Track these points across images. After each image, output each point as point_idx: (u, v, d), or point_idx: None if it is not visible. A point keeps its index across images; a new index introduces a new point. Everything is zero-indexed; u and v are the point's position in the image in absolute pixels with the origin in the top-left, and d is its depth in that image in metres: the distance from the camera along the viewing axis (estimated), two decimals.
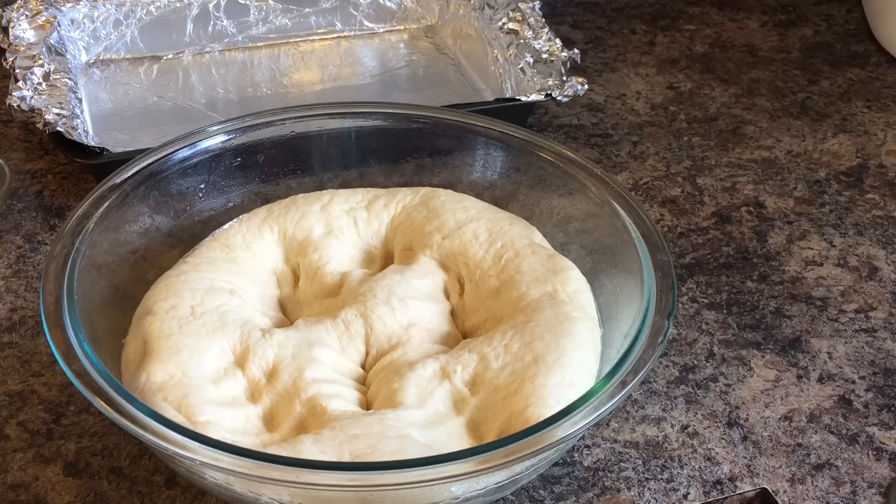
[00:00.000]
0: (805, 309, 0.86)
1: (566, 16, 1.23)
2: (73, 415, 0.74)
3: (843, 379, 0.80)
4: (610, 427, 0.75)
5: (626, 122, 1.06)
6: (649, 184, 0.98)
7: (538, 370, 0.67)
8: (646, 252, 0.71)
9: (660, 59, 1.17)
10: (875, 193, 0.99)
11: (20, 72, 0.96)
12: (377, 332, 0.72)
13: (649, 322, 0.66)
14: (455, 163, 0.84)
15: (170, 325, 0.69)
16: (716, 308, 0.85)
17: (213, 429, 0.63)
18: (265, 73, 1.10)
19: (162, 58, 1.11)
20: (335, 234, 0.79)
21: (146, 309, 0.71)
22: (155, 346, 0.68)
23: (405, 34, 1.17)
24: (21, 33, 1.02)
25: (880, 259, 0.91)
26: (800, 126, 1.07)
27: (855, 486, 0.72)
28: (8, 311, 0.82)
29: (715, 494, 0.71)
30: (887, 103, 1.11)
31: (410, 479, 0.57)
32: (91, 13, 1.09)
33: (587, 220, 0.78)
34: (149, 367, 0.66)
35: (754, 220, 0.95)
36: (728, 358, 0.81)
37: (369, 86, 1.09)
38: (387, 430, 0.63)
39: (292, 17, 1.14)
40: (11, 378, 0.76)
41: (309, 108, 0.83)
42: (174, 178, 0.78)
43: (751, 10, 1.26)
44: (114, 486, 0.70)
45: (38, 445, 0.72)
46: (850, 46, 1.20)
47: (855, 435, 0.75)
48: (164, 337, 0.68)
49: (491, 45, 1.07)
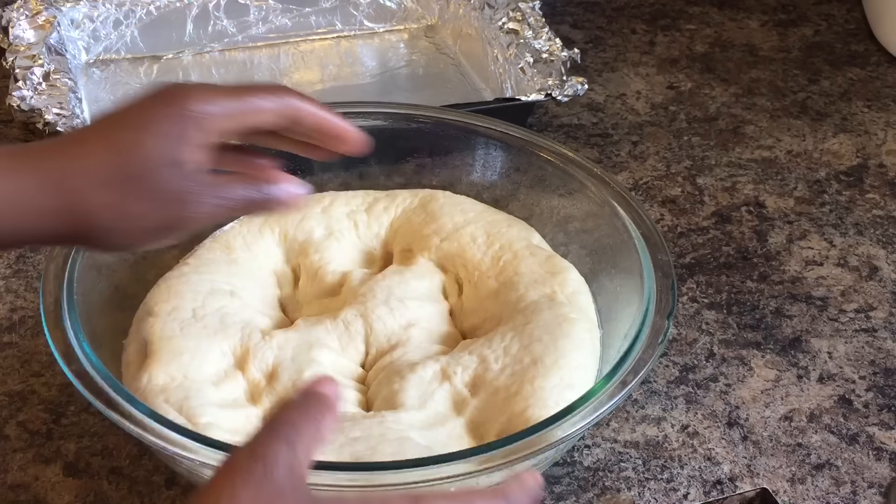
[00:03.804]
0: (805, 309, 0.86)
1: (566, 16, 1.23)
2: (73, 415, 0.74)
3: (844, 379, 0.80)
4: (610, 427, 0.75)
5: (626, 122, 1.06)
6: (649, 184, 0.98)
7: (537, 372, 0.67)
8: (646, 252, 0.71)
9: (660, 58, 1.17)
10: (875, 193, 0.99)
11: (20, 72, 0.96)
12: (377, 331, 0.72)
13: (649, 322, 0.66)
14: (455, 163, 0.84)
15: (171, 327, 0.69)
16: (716, 308, 0.85)
17: (214, 430, 0.63)
18: (265, 73, 1.10)
19: (162, 58, 1.11)
20: (336, 236, 0.79)
21: (147, 310, 0.71)
22: (156, 348, 0.68)
23: (405, 34, 1.17)
24: (21, 33, 1.02)
25: (880, 259, 0.91)
26: (800, 126, 1.07)
27: (855, 485, 0.72)
28: (8, 311, 0.82)
29: (715, 494, 0.71)
30: (887, 103, 1.11)
31: (411, 479, 0.57)
32: (91, 13, 1.09)
33: (587, 219, 0.78)
34: (150, 369, 0.67)
35: (754, 219, 0.95)
36: (728, 358, 0.81)
37: (369, 86, 1.09)
38: (387, 433, 0.63)
39: (292, 17, 1.14)
40: (11, 378, 0.76)
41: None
42: None
43: (751, 10, 1.26)
44: (114, 486, 0.70)
45: (38, 445, 0.72)
46: (850, 46, 1.20)
47: (855, 435, 0.75)
48: (165, 339, 0.68)
49: (491, 44, 1.07)
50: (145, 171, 0.56)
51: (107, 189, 0.56)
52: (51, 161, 0.57)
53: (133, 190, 0.56)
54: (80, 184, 0.56)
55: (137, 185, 0.56)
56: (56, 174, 0.56)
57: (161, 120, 0.57)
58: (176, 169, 0.57)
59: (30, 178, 0.56)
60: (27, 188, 0.56)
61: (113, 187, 0.56)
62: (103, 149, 0.57)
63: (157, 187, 0.57)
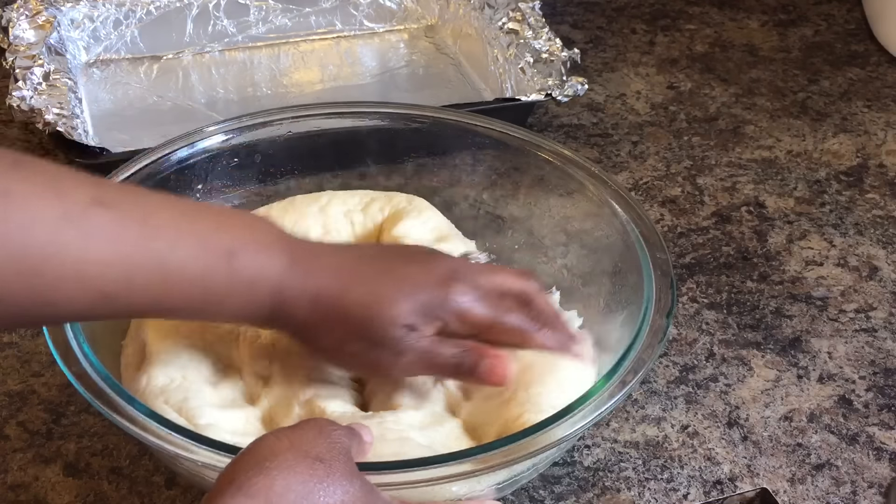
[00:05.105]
0: (805, 309, 0.86)
1: (566, 16, 1.23)
2: (73, 415, 0.74)
3: (844, 379, 0.80)
4: (610, 427, 0.75)
5: (626, 122, 1.06)
6: (649, 184, 0.98)
7: (532, 378, 0.67)
8: (645, 251, 0.71)
9: (660, 58, 1.17)
10: (875, 193, 0.99)
11: (20, 72, 0.95)
12: None
13: (648, 321, 0.66)
14: (455, 163, 0.84)
15: (167, 328, 0.69)
16: (716, 308, 0.85)
17: (214, 431, 0.63)
18: (265, 72, 1.10)
19: (162, 58, 1.11)
20: (332, 235, 0.79)
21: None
22: (155, 350, 0.68)
23: (405, 34, 1.17)
24: (21, 33, 1.01)
25: (880, 259, 0.91)
26: (800, 126, 1.07)
27: (855, 486, 0.72)
28: None
29: (715, 494, 0.71)
30: (887, 103, 1.11)
31: (412, 479, 0.57)
32: (91, 13, 1.09)
33: (587, 219, 0.78)
34: (150, 371, 0.66)
35: (754, 219, 0.95)
36: (728, 358, 0.81)
37: (369, 86, 1.09)
38: (386, 433, 0.63)
39: (292, 17, 1.14)
40: (11, 378, 0.76)
41: (308, 108, 0.83)
42: (173, 178, 0.78)
43: (751, 10, 1.26)
44: (114, 486, 0.69)
45: (38, 445, 0.72)
46: (850, 46, 1.20)
47: (855, 435, 0.75)
48: (163, 340, 0.68)
49: (491, 44, 1.07)
50: (383, 327, 0.60)
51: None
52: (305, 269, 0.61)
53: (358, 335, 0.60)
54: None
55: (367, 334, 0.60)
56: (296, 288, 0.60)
57: (422, 288, 0.61)
58: (408, 331, 0.60)
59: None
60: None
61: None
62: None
63: (382, 339, 0.60)
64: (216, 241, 0.58)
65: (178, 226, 0.57)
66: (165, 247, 0.56)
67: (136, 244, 0.55)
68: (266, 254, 0.59)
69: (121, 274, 0.54)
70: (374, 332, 0.60)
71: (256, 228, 0.61)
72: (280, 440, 0.51)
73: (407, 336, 0.60)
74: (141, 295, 0.56)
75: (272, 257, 0.59)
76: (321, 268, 0.61)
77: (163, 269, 0.56)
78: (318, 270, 0.60)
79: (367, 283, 0.61)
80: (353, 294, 0.60)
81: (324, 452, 0.51)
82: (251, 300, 0.59)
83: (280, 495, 0.48)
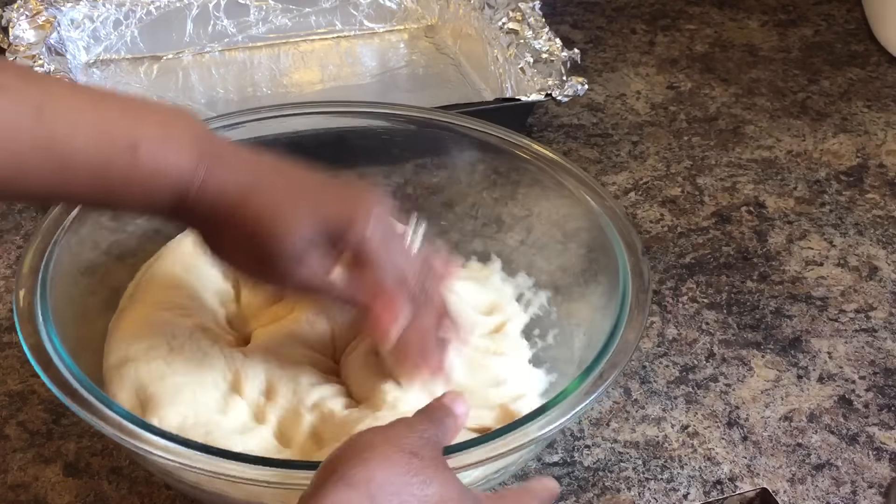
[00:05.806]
0: (805, 309, 0.86)
1: (566, 16, 1.23)
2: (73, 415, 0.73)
3: (843, 379, 0.80)
4: (610, 427, 0.75)
5: (626, 122, 1.06)
6: (649, 184, 0.98)
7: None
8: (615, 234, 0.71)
9: (660, 58, 1.17)
10: (875, 193, 0.98)
11: None
12: (340, 324, 0.71)
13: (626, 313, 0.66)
14: (454, 163, 0.84)
15: (158, 367, 0.67)
16: (716, 308, 0.85)
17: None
18: (265, 72, 1.10)
19: (162, 58, 1.11)
20: None
21: (122, 358, 0.68)
22: (154, 391, 0.65)
23: (405, 34, 1.17)
24: (21, 33, 1.02)
25: (880, 259, 0.91)
26: (800, 126, 1.07)
27: (855, 486, 0.72)
28: (8, 311, 0.82)
29: (715, 494, 0.71)
30: (887, 103, 1.10)
31: None
32: (91, 13, 1.09)
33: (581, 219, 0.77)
34: (158, 413, 0.64)
35: (754, 220, 0.95)
36: (728, 358, 0.81)
37: (369, 86, 1.09)
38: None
39: (292, 17, 1.14)
40: (11, 378, 0.76)
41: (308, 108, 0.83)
42: None
43: (751, 10, 1.26)
44: (114, 486, 0.69)
45: (38, 445, 0.72)
46: (850, 46, 1.20)
47: (855, 435, 0.75)
48: (159, 380, 0.66)
49: (491, 44, 1.07)
50: (280, 235, 0.59)
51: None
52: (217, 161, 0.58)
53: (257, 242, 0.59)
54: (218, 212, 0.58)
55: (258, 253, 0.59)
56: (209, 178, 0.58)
57: (332, 209, 0.60)
58: (307, 246, 0.59)
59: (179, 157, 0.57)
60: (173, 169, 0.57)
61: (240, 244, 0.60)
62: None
63: (281, 250, 0.59)
64: (119, 131, 0.56)
65: (79, 113, 0.55)
66: (63, 134, 0.54)
67: (30, 130, 0.53)
68: (172, 147, 0.57)
69: (11, 160, 0.53)
70: (272, 241, 0.58)
71: (166, 121, 0.58)
72: (376, 435, 0.52)
73: (305, 252, 0.59)
74: (35, 181, 0.55)
75: (179, 151, 0.57)
76: (230, 168, 0.59)
77: (60, 158, 0.54)
78: (227, 169, 0.58)
79: (274, 191, 0.59)
80: (257, 198, 0.58)
81: (417, 447, 0.52)
82: (152, 193, 0.57)
83: (380, 486, 0.49)
